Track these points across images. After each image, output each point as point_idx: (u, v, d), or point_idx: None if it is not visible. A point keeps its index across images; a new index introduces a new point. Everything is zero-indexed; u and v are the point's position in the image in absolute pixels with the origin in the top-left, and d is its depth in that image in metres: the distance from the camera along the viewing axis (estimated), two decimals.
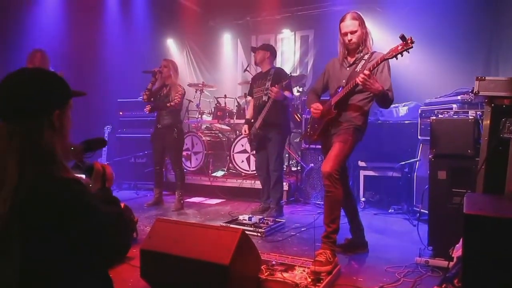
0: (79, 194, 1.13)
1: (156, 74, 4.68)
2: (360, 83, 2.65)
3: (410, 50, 2.52)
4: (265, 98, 4.26)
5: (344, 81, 2.95)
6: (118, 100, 6.27)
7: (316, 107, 3.07)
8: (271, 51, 4.50)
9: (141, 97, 4.89)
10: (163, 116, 4.69)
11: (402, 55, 2.57)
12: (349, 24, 2.91)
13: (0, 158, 1.10)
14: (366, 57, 2.92)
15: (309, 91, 3.42)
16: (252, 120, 4.46)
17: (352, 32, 2.90)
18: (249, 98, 4.79)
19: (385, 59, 2.66)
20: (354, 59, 2.98)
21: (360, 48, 2.94)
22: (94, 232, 1.14)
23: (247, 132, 4.45)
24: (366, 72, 2.62)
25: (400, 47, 2.55)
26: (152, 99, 4.73)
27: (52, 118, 1.18)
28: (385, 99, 2.81)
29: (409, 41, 2.51)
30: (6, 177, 1.08)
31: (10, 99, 1.15)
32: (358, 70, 2.85)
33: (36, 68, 1.29)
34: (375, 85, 2.65)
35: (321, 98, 3.28)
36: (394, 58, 2.63)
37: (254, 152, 4.77)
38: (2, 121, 1.14)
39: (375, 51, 2.94)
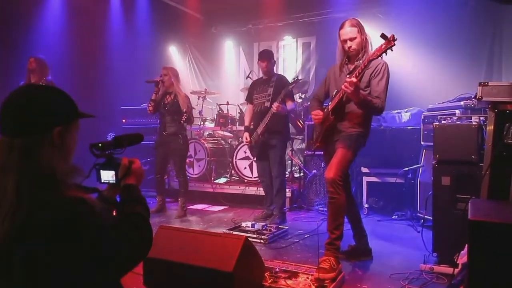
0: (78, 214, 1.08)
1: (158, 83, 4.70)
2: (344, 88, 2.65)
3: (393, 47, 2.54)
4: (267, 104, 4.26)
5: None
6: (121, 107, 6.30)
7: (316, 114, 3.08)
8: (273, 58, 4.54)
9: (144, 105, 4.92)
10: (169, 124, 4.70)
11: (386, 54, 2.59)
12: (348, 31, 2.91)
13: None
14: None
15: (312, 97, 3.42)
16: (252, 127, 4.46)
17: (352, 39, 2.91)
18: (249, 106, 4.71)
19: (370, 59, 2.67)
20: (354, 66, 2.97)
21: (360, 55, 2.93)
22: (98, 252, 1.10)
23: (248, 139, 4.43)
24: (349, 79, 2.61)
25: (383, 46, 2.57)
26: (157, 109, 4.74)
27: (52, 135, 1.15)
28: (368, 107, 2.79)
29: (391, 39, 2.52)
30: (5, 196, 1.06)
31: (13, 114, 1.14)
32: None
33: (44, 85, 1.28)
34: (355, 94, 2.64)
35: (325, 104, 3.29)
36: (387, 58, 2.64)
37: (255, 159, 4.76)
38: (5, 136, 1.14)
39: (373, 59, 2.95)
